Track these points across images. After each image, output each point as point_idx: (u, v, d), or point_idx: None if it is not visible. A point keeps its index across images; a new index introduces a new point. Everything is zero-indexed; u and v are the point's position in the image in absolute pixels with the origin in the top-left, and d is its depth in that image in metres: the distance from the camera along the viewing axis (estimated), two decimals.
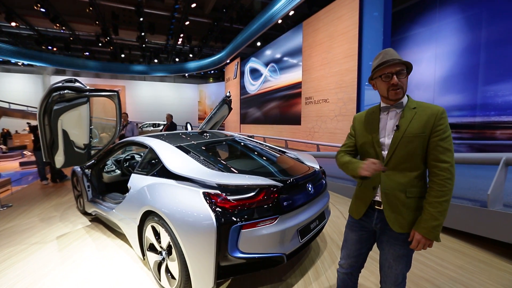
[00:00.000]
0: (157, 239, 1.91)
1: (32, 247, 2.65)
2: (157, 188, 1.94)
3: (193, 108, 23.40)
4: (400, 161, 1.15)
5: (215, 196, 1.64)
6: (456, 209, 2.63)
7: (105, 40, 13.83)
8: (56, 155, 2.73)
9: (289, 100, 10.58)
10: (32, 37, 14.62)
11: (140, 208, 2.00)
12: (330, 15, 7.81)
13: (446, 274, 2.06)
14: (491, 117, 6.61)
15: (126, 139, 2.94)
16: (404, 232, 1.16)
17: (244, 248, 1.58)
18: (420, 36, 8.28)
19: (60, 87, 2.45)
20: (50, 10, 10.56)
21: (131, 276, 2.13)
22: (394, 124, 1.18)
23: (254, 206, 1.63)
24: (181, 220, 1.64)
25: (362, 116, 1.33)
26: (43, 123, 2.52)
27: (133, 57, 19.31)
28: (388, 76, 1.15)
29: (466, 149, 7.08)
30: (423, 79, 8.26)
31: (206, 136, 2.76)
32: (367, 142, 1.25)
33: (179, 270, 1.69)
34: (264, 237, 1.62)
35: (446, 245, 2.52)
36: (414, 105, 1.18)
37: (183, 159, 2.05)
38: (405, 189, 1.15)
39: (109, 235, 2.89)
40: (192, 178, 1.80)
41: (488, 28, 6.46)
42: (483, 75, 6.69)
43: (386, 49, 1.20)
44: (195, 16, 12.38)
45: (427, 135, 1.11)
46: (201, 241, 1.56)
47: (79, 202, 3.56)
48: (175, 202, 1.74)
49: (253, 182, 1.70)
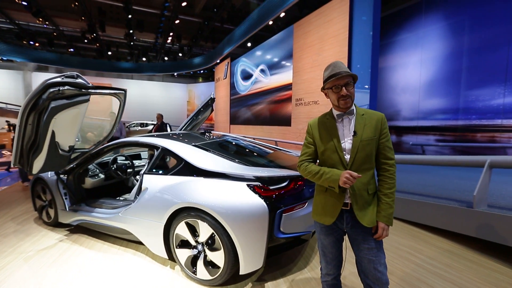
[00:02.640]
0: (192, 234, 1.99)
1: (17, 260, 2.39)
2: (192, 186, 2.02)
3: (182, 108, 23.09)
4: (361, 163, 1.28)
5: (258, 187, 1.87)
6: (443, 210, 2.72)
7: (91, 36, 13.41)
8: (36, 159, 2.42)
9: (279, 101, 10.64)
10: (12, 31, 13.97)
11: (168, 207, 2.03)
12: (321, 18, 7.92)
13: (436, 273, 2.13)
14: (472, 121, 6.90)
15: (125, 140, 2.80)
16: (372, 225, 1.29)
17: (284, 229, 1.87)
18: (407, 41, 8.55)
19: (59, 82, 2.18)
20: (32, 3, 10.12)
21: (154, 278, 2.10)
22: (350, 130, 1.31)
23: (289, 194, 1.93)
24: (229, 211, 1.82)
25: (318, 123, 1.40)
26: (25, 121, 2.21)
27: (120, 54, 18.82)
28: (338, 88, 1.27)
29: (449, 151, 7.37)
30: (409, 83, 8.53)
31: (210, 136, 2.83)
32: (330, 148, 1.33)
33: (225, 257, 1.84)
34: (299, 218, 1.93)
35: (435, 245, 2.61)
36: (362, 112, 1.34)
37: (211, 157, 2.18)
38: (367, 187, 1.29)
39: (104, 243, 2.73)
40: (227, 174, 1.98)
41: (470, 35, 6.75)
42: (465, 80, 6.98)
43: (335, 62, 1.33)
44: (185, 15, 12.23)
45: (377, 138, 1.30)
46: (254, 227, 1.79)
47: (45, 213, 3.16)
48: (220, 196, 1.89)
49: (284, 174, 1.99)
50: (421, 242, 2.67)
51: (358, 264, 1.37)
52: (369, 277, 1.31)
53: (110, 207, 2.64)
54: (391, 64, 9.22)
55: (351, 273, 2.08)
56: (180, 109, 22.93)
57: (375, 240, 1.31)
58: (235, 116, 14.55)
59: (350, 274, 2.07)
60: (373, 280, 1.29)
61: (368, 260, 1.30)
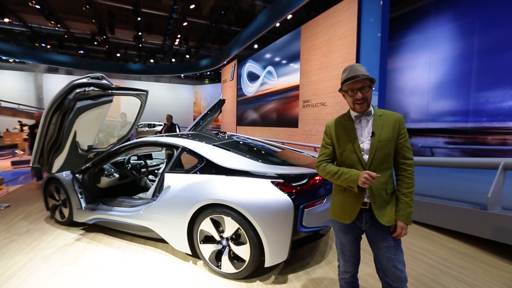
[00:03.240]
0: (218, 230, 2.08)
1: (36, 259, 2.40)
2: (217, 183, 2.10)
3: (188, 109, 23.28)
4: (379, 163, 1.31)
5: (282, 184, 1.98)
6: (456, 212, 2.72)
7: (100, 38, 13.65)
8: (57, 159, 2.47)
9: (286, 103, 10.67)
10: (24, 34, 14.31)
11: (193, 204, 2.11)
12: (329, 20, 7.95)
13: (450, 274, 2.13)
14: (483, 123, 6.82)
15: (144, 139, 2.85)
16: (391, 224, 1.31)
17: (306, 224, 1.97)
18: (415, 42, 8.51)
19: (85, 83, 2.22)
20: (45, 7, 10.37)
21: (178, 273, 2.16)
22: (369, 131, 1.33)
23: (309, 190, 2.03)
24: (255, 206, 1.91)
25: (337, 124, 1.43)
26: (49, 121, 2.26)
27: (129, 56, 19.09)
28: (353, 91, 1.30)
29: (459, 154, 7.29)
30: (417, 85, 8.47)
31: (225, 136, 2.90)
32: (348, 148, 1.35)
33: (251, 251, 1.95)
34: (318, 214, 2.03)
35: (447, 246, 2.61)
36: (380, 113, 1.36)
37: (232, 156, 2.28)
38: (385, 187, 1.32)
39: (121, 240, 2.77)
40: (250, 171, 2.08)
41: (481, 36, 6.70)
42: (475, 82, 6.92)
43: (352, 64, 1.34)
44: (192, 17, 12.37)
45: (396, 138, 1.31)
46: (280, 221, 1.90)
47: (58, 212, 3.18)
48: (245, 193, 1.98)
49: (303, 171, 2.09)
50: (434, 243, 2.67)
51: (377, 262, 1.39)
52: (388, 275, 1.33)
53: (129, 205, 2.68)
54: (399, 65, 9.18)
55: (365, 274, 2.10)
56: (187, 110, 23.12)
57: (394, 239, 1.33)
58: (242, 117, 14.62)
59: (365, 274, 2.09)
60: (392, 278, 1.32)
61: (387, 258, 1.32)
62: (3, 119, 13.99)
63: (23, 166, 8.22)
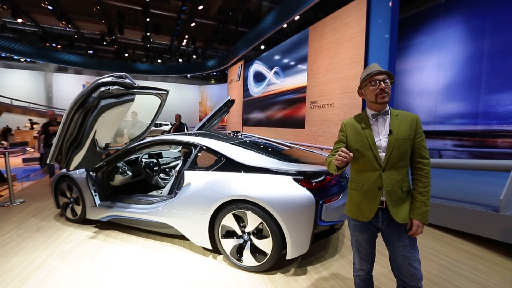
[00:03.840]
0: (239, 225, 2.17)
1: (54, 255, 2.41)
2: (239, 180, 2.19)
3: (194, 109, 23.44)
4: (396, 161, 1.32)
5: (302, 181, 2.08)
6: (467, 213, 2.72)
7: (110, 39, 13.85)
8: (76, 156, 2.48)
9: (293, 103, 10.68)
10: (36, 34, 14.60)
11: (215, 200, 2.19)
12: (337, 21, 7.95)
13: (463, 275, 2.14)
14: (492, 126, 6.75)
15: (162, 138, 2.89)
16: (406, 222, 1.33)
17: (325, 218, 2.07)
18: (424, 44, 8.45)
19: (109, 82, 2.25)
20: (57, 7, 10.58)
21: (199, 268, 2.23)
22: (386, 129, 1.36)
23: (326, 187, 2.14)
24: (279, 201, 2.01)
25: (352, 123, 1.45)
26: (71, 119, 2.28)
27: (136, 56, 19.33)
28: (376, 82, 1.33)
29: (467, 156, 7.21)
30: (426, 87, 8.41)
31: (240, 136, 2.97)
32: (364, 145, 1.37)
33: (273, 244, 2.03)
34: (335, 209, 2.13)
35: (459, 248, 2.61)
36: (397, 113, 1.39)
37: (252, 154, 2.37)
38: (401, 184, 1.34)
39: (137, 237, 2.80)
40: (271, 169, 2.18)
41: (491, 38, 6.64)
42: (485, 84, 6.86)
43: (372, 64, 1.40)
44: (200, 17, 12.48)
45: (413, 137, 1.34)
46: (302, 215, 2.00)
47: (70, 210, 3.17)
48: (268, 189, 2.08)
49: (319, 169, 2.17)
50: (445, 245, 2.67)
51: (392, 260, 1.41)
52: (404, 273, 1.34)
53: (146, 203, 2.72)
54: (408, 67, 9.14)
55: (379, 273, 2.12)
56: (193, 110, 23.28)
57: (410, 237, 1.34)
58: (248, 118, 14.67)
59: (378, 274, 2.11)
60: (408, 276, 1.33)
61: (403, 257, 1.34)
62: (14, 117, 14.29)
63: (34, 163, 8.39)
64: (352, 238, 1.51)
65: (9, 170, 4.01)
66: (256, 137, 3.34)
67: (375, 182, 1.34)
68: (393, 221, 1.34)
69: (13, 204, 3.90)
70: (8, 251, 2.50)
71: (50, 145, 5.20)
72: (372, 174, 1.35)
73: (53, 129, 5.27)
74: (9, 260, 2.34)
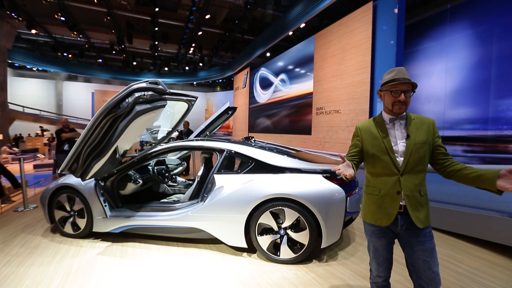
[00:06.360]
0: (277, 221, 2.35)
1: (78, 273, 2.19)
2: (274, 180, 2.38)
3: (200, 116, 23.63)
4: (414, 165, 1.32)
5: (330, 177, 2.33)
6: (483, 220, 2.67)
7: (119, 48, 14.19)
8: (96, 164, 2.32)
9: (299, 110, 10.71)
10: (48, 44, 15.06)
11: (252, 200, 2.34)
12: (343, 28, 8.02)
13: (481, 282, 2.09)
14: (503, 131, 6.65)
15: (184, 143, 2.92)
16: (425, 226, 1.32)
17: (349, 209, 2.33)
18: (431, 50, 8.44)
19: (144, 87, 2.21)
20: (69, 18, 10.92)
21: (234, 266, 2.30)
22: (403, 133, 1.35)
23: (347, 183, 2.35)
24: (314, 197, 2.25)
25: (368, 127, 1.44)
26: (97, 125, 2.16)
27: (144, 65, 19.72)
28: (397, 93, 1.31)
29: (478, 162, 7.09)
30: (433, 92, 8.36)
31: (255, 141, 3.15)
32: (381, 150, 1.35)
33: (310, 235, 2.26)
34: (355, 201, 2.40)
35: (475, 255, 2.55)
36: (413, 117, 1.39)
37: (278, 156, 2.55)
38: (419, 188, 1.33)
39: (157, 244, 2.72)
40: (301, 169, 2.41)
41: (499, 43, 6.60)
42: (495, 89, 6.79)
43: (399, 68, 1.34)
44: (207, 26, 12.72)
45: (431, 142, 1.33)
46: (335, 207, 2.27)
47: (70, 224, 2.85)
48: (303, 186, 2.30)
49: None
50: (460, 252, 2.62)
51: (410, 265, 1.38)
52: (423, 278, 1.32)
53: (170, 209, 2.68)
54: (415, 73, 9.11)
55: (395, 280, 2.08)
56: (199, 117, 23.45)
57: (430, 241, 1.33)
58: (254, 124, 14.73)
59: (394, 281, 2.07)
60: (427, 281, 1.31)
61: (423, 261, 1.31)
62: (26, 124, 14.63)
63: (44, 170, 8.55)
64: (369, 245, 1.49)
65: (24, 176, 4.09)
66: (267, 142, 3.38)
67: (394, 186, 1.33)
68: (413, 225, 1.32)
69: (26, 209, 3.97)
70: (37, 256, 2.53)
71: (62, 151, 5.30)
72: (390, 179, 1.34)
73: (65, 136, 5.38)
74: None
